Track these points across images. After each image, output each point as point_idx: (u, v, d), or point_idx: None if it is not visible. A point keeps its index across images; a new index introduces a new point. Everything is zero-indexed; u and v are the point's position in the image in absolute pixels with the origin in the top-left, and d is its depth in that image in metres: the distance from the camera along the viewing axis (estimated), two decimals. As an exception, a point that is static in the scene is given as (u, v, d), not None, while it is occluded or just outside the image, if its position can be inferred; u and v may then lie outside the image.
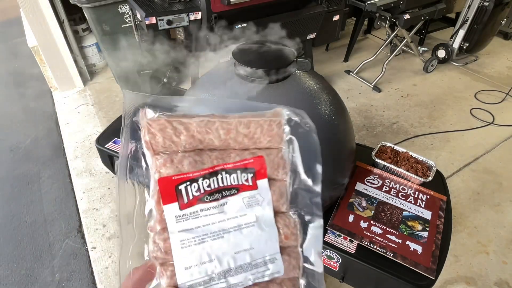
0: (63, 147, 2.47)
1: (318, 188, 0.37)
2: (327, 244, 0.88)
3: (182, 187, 0.31)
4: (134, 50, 2.55)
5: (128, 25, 2.43)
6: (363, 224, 0.92)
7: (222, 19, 2.05)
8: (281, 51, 0.89)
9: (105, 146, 1.17)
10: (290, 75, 0.87)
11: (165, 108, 0.34)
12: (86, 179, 2.16)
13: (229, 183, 0.33)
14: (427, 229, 0.92)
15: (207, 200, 0.32)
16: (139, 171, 0.33)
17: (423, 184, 1.05)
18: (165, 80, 2.85)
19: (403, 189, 1.03)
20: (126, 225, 0.32)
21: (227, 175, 0.33)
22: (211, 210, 0.32)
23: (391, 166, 1.07)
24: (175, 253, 0.31)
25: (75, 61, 2.94)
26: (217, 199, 0.33)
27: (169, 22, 2.01)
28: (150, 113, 0.33)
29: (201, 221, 0.32)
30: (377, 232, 0.90)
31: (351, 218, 0.94)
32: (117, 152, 1.15)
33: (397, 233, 0.90)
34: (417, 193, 1.03)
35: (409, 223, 0.93)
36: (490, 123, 2.60)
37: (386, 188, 1.03)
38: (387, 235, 0.89)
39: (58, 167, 2.33)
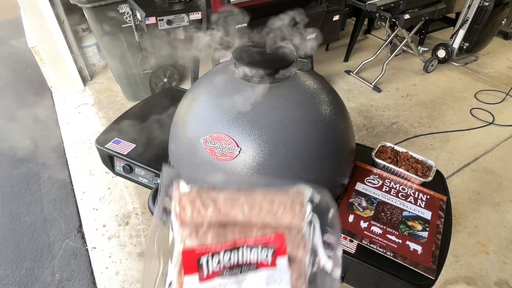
0: (63, 147, 2.47)
1: (338, 272, 0.36)
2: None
3: (203, 260, 0.32)
4: (134, 50, 2.55)
5: (128, 25, 2.43)
6: (363, 224, 0.92)
7: (222, 19, 2.05)
8: (281, 51, 0.89)
9: (105, 146, 1.17)
10: (290, 75, 0.87)
11: (197, 183, 0.35)
12: (86, 179, 2.17)
13: (249, 259, 0.33)
14: (427, 229, 0.92)
15: (226, 275, 0.32)
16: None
17: (423, 184, 1.05)
18: (165, 80, 2.85)
19: (403, 189, 1.03)
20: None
21: (248, 251, 0.33)
22: (229, 286, 0.32)
23: (391, 166, 1.07)
24: None
25: (75, 61, 2.93)
26: (235, 275, 0.32)
27: (169, 22, 2.01)
28: (183, 186, 0.35)
29: None
30: (377, 232, 0.90)
31: (351, 218, 0.94)
32: (117, 152, 1.15)
33: (397, 233, 0.90)
34: (417, 193, 1.03)
35: (409, 223, 0.93)
36: (490, 123, 2.60)
37: (386, 188, 1.03)
38: (387, 235, 0.89)
39: (58, 167, 2.33)
